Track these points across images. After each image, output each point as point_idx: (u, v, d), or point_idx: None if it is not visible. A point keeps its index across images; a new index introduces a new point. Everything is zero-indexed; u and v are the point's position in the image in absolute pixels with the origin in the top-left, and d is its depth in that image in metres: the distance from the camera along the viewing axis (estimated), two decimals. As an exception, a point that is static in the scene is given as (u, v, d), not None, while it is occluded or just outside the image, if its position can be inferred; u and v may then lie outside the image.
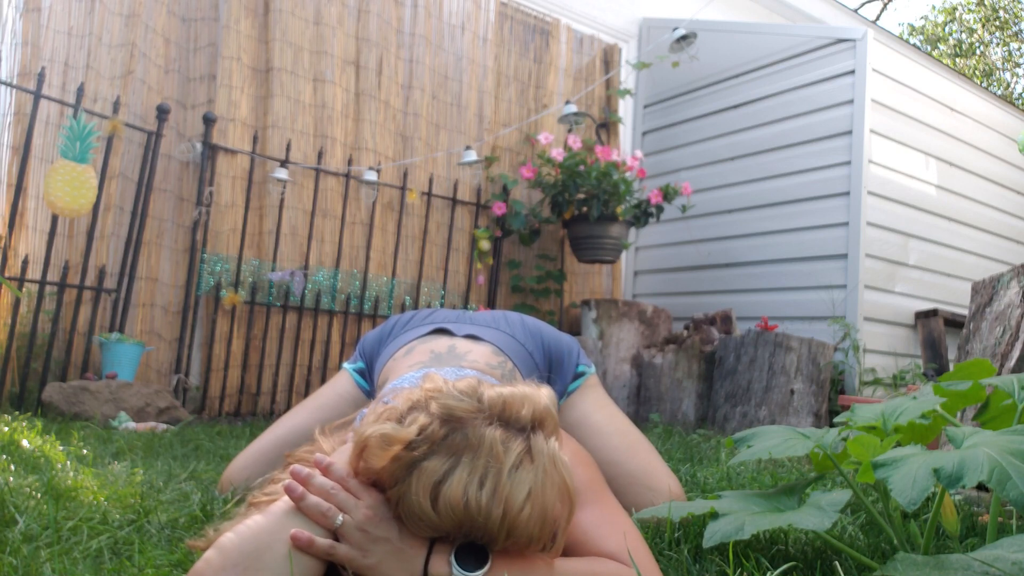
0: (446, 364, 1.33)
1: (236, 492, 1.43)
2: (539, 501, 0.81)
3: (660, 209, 4.23)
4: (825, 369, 3.44)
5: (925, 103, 4.24)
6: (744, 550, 1.05)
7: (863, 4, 15.93)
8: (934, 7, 15.76)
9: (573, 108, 4.34)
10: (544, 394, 0.90)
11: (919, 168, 4.16)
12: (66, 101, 3.23)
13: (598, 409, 1.51)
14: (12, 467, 1.56)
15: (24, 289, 3.10)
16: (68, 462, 1.70)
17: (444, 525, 0.81)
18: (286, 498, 0.86)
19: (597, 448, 1.43)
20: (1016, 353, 1.67)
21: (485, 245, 4.34)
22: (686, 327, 4.00)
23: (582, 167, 4.05)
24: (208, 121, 3.56)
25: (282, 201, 3.75)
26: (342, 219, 3.92)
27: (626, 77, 5.11)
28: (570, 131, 4.49)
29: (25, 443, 1.86)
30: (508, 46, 4.71)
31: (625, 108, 5.13)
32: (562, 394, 1.53)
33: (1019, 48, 14.89)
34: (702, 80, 4.71)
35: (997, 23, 14.76)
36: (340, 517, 0.84)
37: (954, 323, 4.13)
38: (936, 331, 4.02)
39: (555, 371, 1.53)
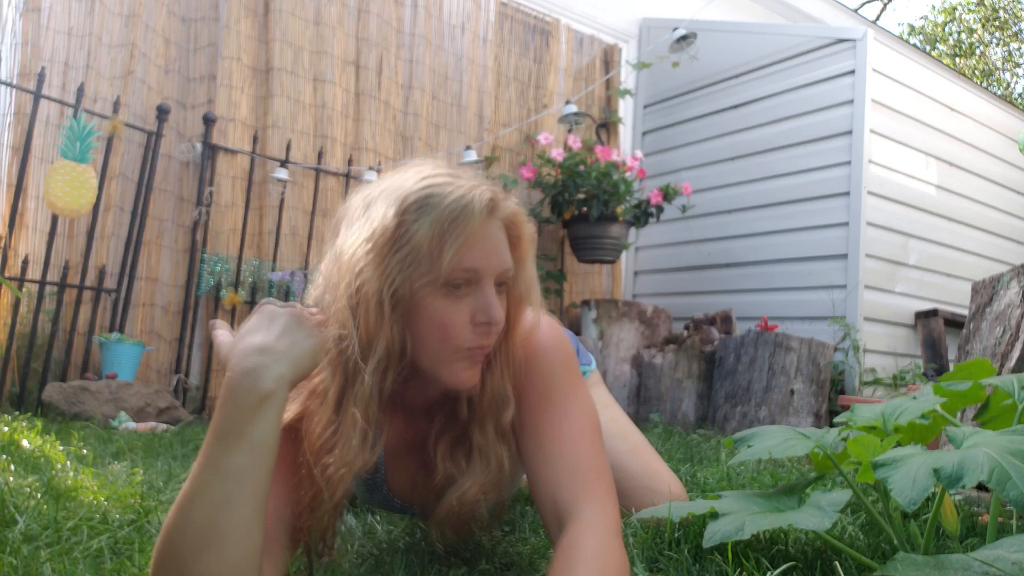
0: None
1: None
2: None
3: (660, 209, 4.23)
4: (825, 369, 3.44)
5: (925, 103, 4.24)
6: (744, 550, 1.06)
7: (863, 4, 15.93)
8: (934, 7, 15.76)
9: (573, 108, 4.34)
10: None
11: (919, 168, 4.16)
12: (66, 101, 3.23)
13: (600, 410, 1.51)
14: (12, 467, 1.56)
15: (24, 289, 3.10)
16: (68, 462, 1.70)
17: None
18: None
19: None
20: (1016, 353, 1.67)
21: (485, 245, 4.34)
22: (686, 327, 4.00)
23: (582, 167, 4.05)
24: (208, 121, 3.56)
25: (282, 201, 3.75)
26: (342, 219, 3.91)
27: (626, 77, 5.10)
28: (570, 131, 4.49)
29: (25, 443, 1.87)
30: (508, 46, 4.71)
31: (625, 108, 5.13)
32: None
33: (1019, 48, 14.89)
34: (702, 80, 4.71)
35: (997, 23, 14.76)
36: None
37: (954, 323, 4.13)
38: (936, 331, 4.02)
39: None
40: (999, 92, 14.37)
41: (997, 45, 15.01)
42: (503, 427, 1.01)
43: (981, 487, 1.51)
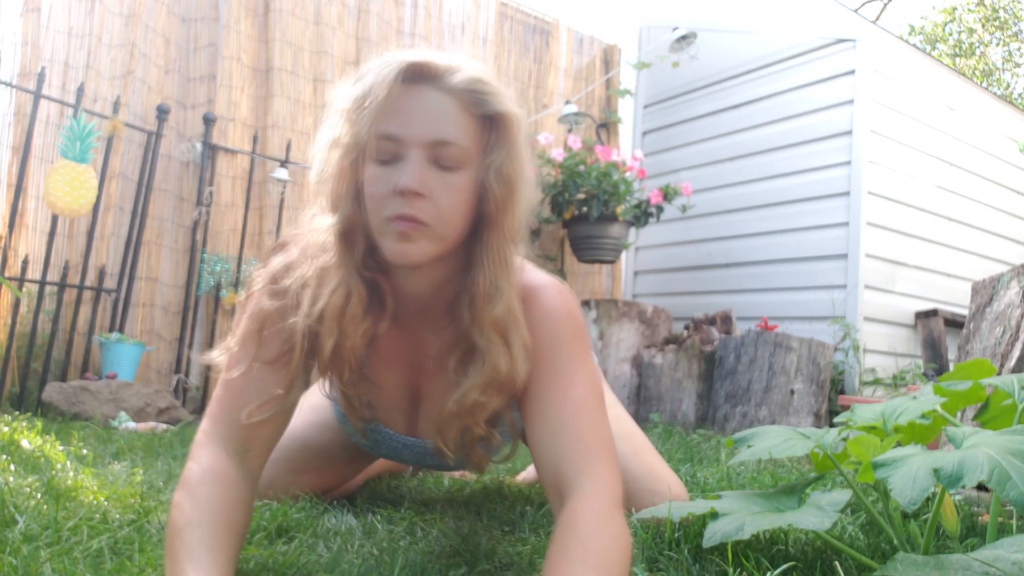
0: None
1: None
2: None
3: (660, 209, 4.23)
4: (825, 369, 3.44)
5: (925, 103, 4.24)
6: (744, 550, 1.06)
7: (863, 4, 15.92)
8: (934, 7, 15.77)
9: (573, 108, 4.34)
10: None
11: (919, 168, 4.16)
12: (66, 101, 3.23)
13: None
14: (12, 467, 1.56)
15: (24, 289, 3.10)
16: (68, 462, 1.70)
17: None
18: None
19: None
20: (1016, 353, 1.67)
21: (485, 245, 4.34)
22: (686, 327, 4.00)
23: (582, 167, 4.05)
24: (208, 121, 3.56)
25: (282, 201, 3.75)
26: (342, 219, 3.92)
27: (626, 77, 5.10)
28: (570, 131, 4.49)
29: (25, 443, 1.87)
30: (508, 46, 4.71)
31: (625, 108, 5.13)
32: None
33: (1019, 48, 14.89)
34: (702, 80, 4.71)
35: (997, 23, 14.76)
36: None
37: (954, 323, 4.13)
38: (936, 331, 4.02)
39: None
40: (999, 92, 14.37)
41: (997, 45, 15.01)
42: (496, 320, 0.99)
43: (981, 487, 1.51)
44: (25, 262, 3.09)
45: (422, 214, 0.95)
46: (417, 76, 0.96)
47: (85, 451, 1.94)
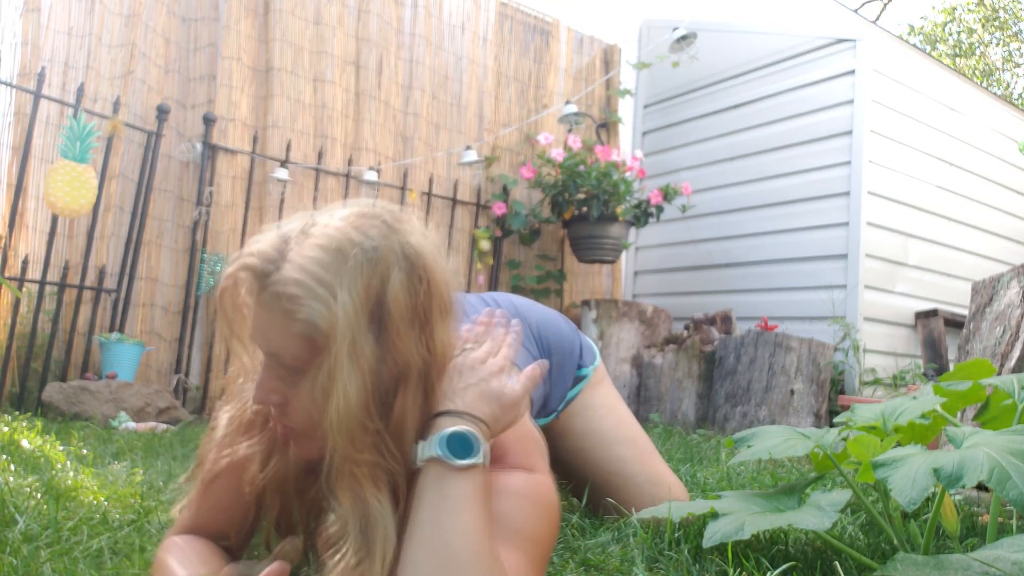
0: None
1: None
2: None
3: (660, 209, 4.23)
4: (825, 369, 3.44)
5: (925, 103, 4.24)
6: (744, 550, 1.05)
7: (863, 4, 15.92)
8: (934, 7, 15.76)
9: (573, 108, 4.34)
10: None
11: (919, 168, 4.16)
12: (66, 101, 3.23)
13: (604, 416, 1.44)
14: (12, 467, 1.56)
15: (24, 289, 3.10)
16: (68, 462, 1.70)
17: None
18: None
19: (607, 459, 1.39)
20: (1016, 353, 1.67)
21: (485, 245, 4.34)
22: (686, 327, 4.00)
23: (582, 167, 4.05)
24: (208, 121, 3.56)
25: (282, 201, 3.75)
26: (342, 219, 3.91)
27: (626, 77, 5.10)
28: (570, 131, 4.49)
29: (25, 443, 1.87)
30: (508, 46, 4.71)
31: (625, 108, 5.13)
32: (563, 399, 1.45)
33: (1019, 48, 14.89)
34: (702, 80, 4.71)
35: (997, 23, 14.76)
36: None
37: (954, 323, 4.13)
38: (936, 331, 4.02)
39: (554, 368, 1.42)
40: (999, 92, 14.37)
41: (997, 45, 15.01)
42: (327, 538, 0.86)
43: (981, 487, 1.51)
44: (25, 262, 3.09)
45: (289, 420, 0.89)
46: (254, 280, 0.87)
47: (85, 451, 1.94)
